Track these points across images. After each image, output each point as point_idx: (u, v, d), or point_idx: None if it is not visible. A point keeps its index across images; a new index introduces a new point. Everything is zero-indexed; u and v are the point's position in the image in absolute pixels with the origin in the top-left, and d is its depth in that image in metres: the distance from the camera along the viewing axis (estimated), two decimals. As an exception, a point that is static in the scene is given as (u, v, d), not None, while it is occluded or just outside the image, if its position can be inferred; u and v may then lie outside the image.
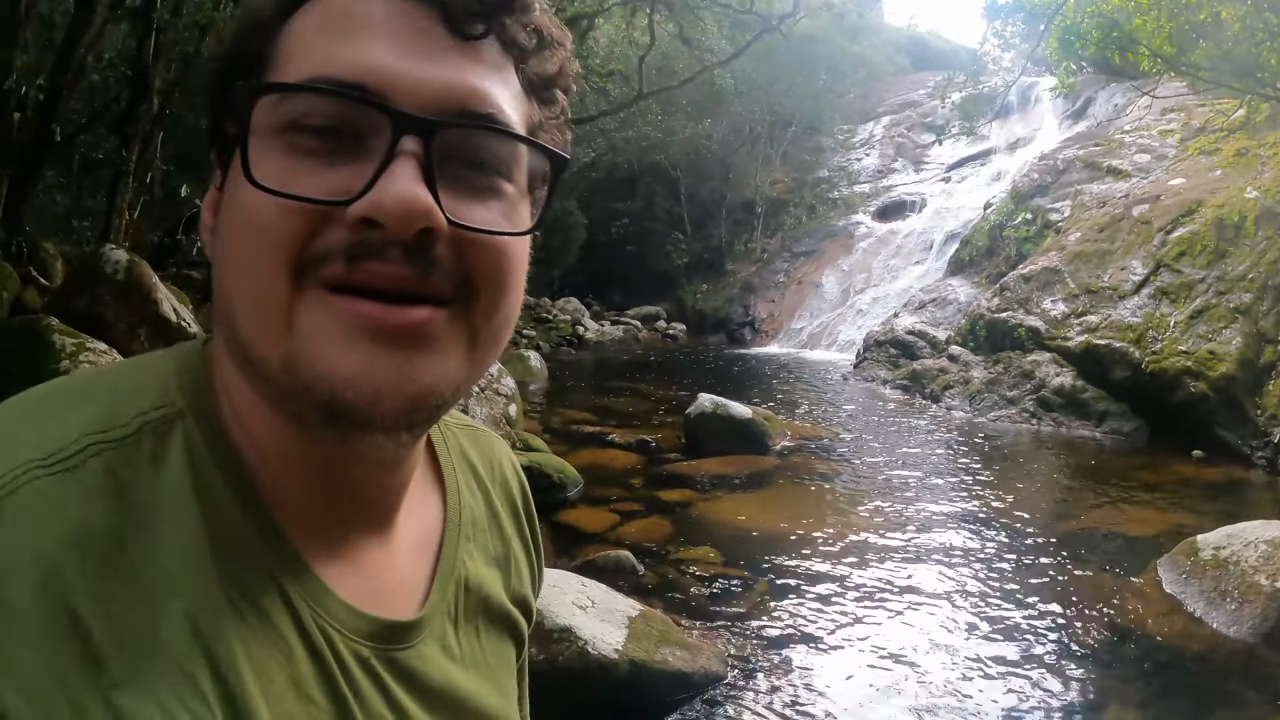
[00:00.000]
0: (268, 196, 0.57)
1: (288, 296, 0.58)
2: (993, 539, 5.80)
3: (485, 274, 0.62)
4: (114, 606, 0.53)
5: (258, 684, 0.58)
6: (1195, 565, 4.72)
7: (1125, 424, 9.40)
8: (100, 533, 0.55)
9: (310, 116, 0.59)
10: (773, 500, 6.79)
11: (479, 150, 0.63)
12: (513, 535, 0.89)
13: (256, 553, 0.62)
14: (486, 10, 0.64)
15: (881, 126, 30.38)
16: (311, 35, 0.62)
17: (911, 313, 15.18)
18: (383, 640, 0.68)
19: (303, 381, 0.58)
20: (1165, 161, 13.97)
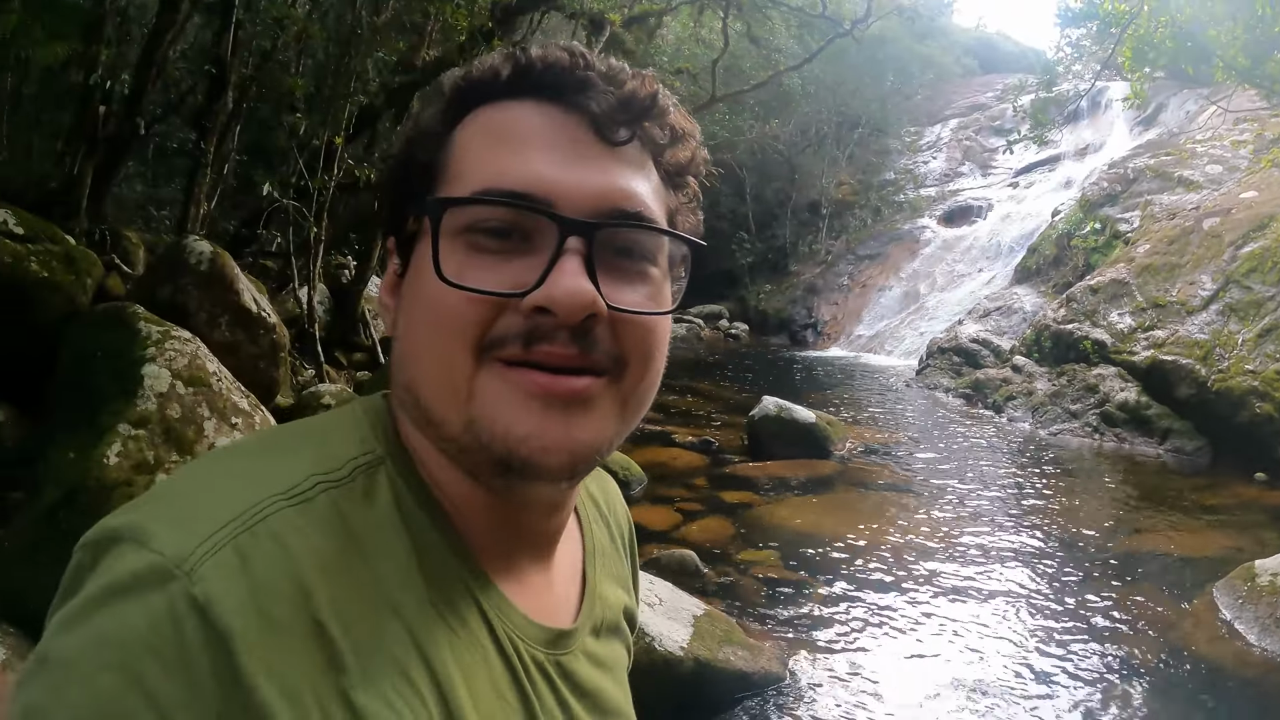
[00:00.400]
0: (455, 290, 0.69)
1: (470, 372, 0.70)
2: (1049, 554, 5.87)
3: (635, 348, 0.74)
4: (348, 618, 0.62)
5: (465, 685, 0.69)
6: (1252, 590, 4.75)
7: (1188, 442, 9.30)
8: (333, 556, 0.64)
9: (487, 221, 0.71)
10: (834, 505, 6.91)
11: (630, 242, 0.74)
12: (621, 556, 1.03)
13: (455, 572, 0.73)
14: (630, 119, 0.75)
15: (949, 129, 30.15)
16: (479, 147, 0.74)
17: (976, 321, 15.14)
18: (551, 646, 0.80)
19: (481, 440, 0.70)
20: (1237, 173, 13.77)
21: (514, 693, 0.74)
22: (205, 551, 0.59)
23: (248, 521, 0.62)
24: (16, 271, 4.50)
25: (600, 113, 0.73)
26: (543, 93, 0.74)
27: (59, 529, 3.49)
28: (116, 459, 3.61)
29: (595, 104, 0.73)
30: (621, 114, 0.74)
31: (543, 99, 0.74)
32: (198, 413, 3.94)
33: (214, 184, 8.21)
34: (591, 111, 0.73)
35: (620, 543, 1.04)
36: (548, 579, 0.84)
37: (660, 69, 17.40)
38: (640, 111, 0.75)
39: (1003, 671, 4.18)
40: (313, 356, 5.96)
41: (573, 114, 0.73)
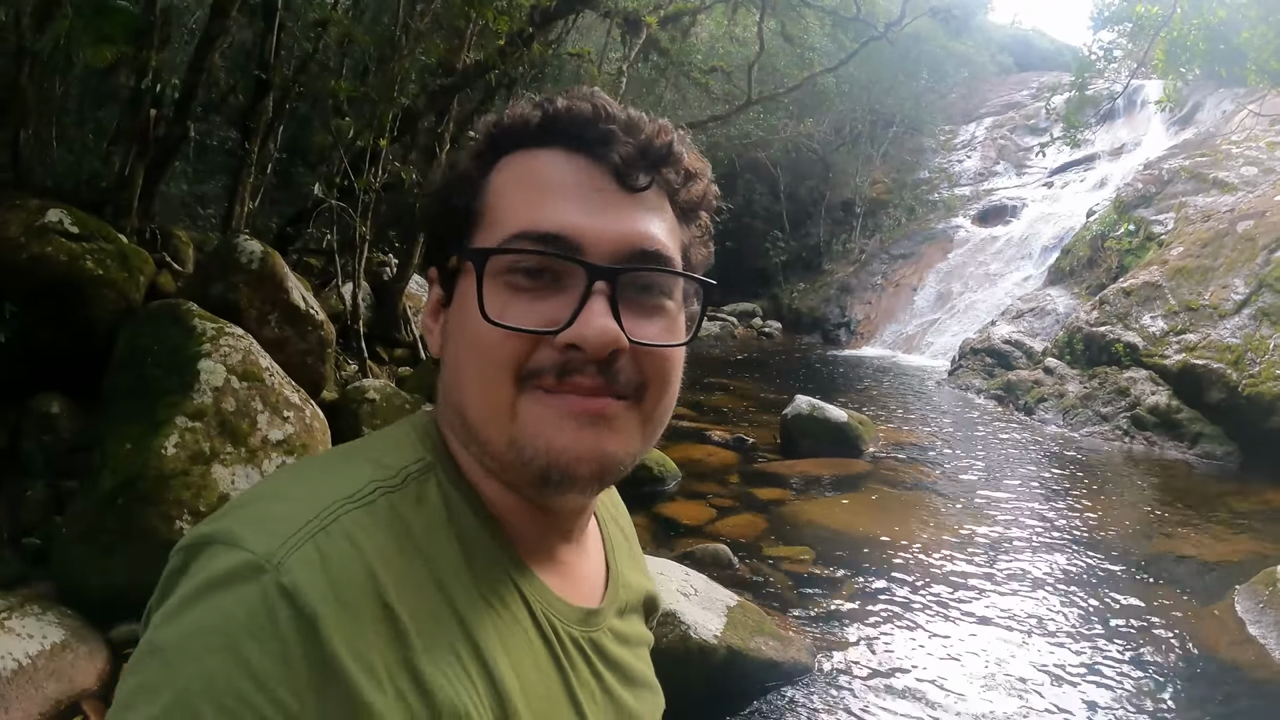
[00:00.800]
0: (501, 331, 0.79)
1: (512, 397, 0.80)
2: (1075, 555, 5.95)
3: (654, 376, 0.84)
4: (409, 602, 0.72)
5: (508, 659, 0.79)
6: (1273, 595, 4.81)
7: (1218, 447, 9.29)
8: (394, 550, 0.74)
9: (523, 263, 0.80)
10: (864, 504, 7.01)
11: (649, 280, 0.84)
12: (632, 546, 1.16)
13: (499, 563, 0.83)
14: (648, 166, 0.84)
15: (984, 128, 29.96)
16: (513, 193, 0.84)
17: (1009, 322, 15.13)
18: (583, 624, 0.90)
19: (524, 457, 0.80)
20: (1273, 175, 13.63)
21: (552, 665, 0.84)
22: (289, 548, 0.69)
23: (323, 522, 0.72)
24: (73, 269, 4.67)
25: (621, 162, 0.83)
26: (569, 142, 0.84)
27: (119, 516, 3.67)
28: (174, 450, 3.78)
29: (617, 154, 0.83)
30: (640, 163, 0.84)
31: (570, 148, 0.84)
32: (251, 406, 4.11)
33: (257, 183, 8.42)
34: (613, 161, 0.82)
35: (630, 534, 1.17)
36: (578, 567, 0.96)
37: (695, 67, 17.51)
38: (657, 159, 0.86)
39: (1025, 669, 4.28)
40: (356, 352, 6.12)
41: (597, 164, 0.83)
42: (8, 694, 3.05)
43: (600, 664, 0.91)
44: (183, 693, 0.64)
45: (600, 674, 0.91)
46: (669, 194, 0.88)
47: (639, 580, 1.10)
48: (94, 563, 3.70)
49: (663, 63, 17.22)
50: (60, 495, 4.41)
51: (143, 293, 5.04)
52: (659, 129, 0.86)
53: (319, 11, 8.37)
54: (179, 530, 3.64)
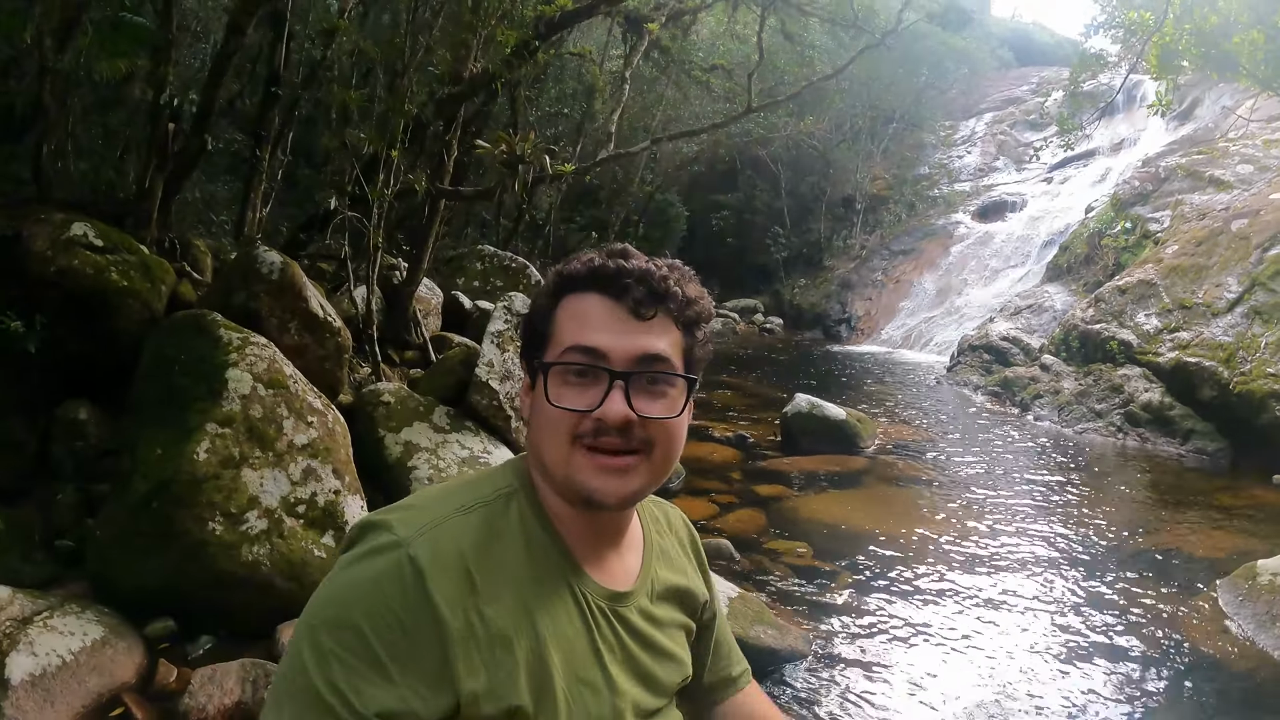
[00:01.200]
0: (559, 409, 1.24)
1: (568, 451, 1.24)
2: (1066, 549, 6.11)
3: (658, 437, 1.26)
4: (483, 571, 1.19)
5: (548, 616, 1.23)
6: (1252, 588, 4.97)
7: (1210, 444, 9.41)
8: (482, 541, 1.22)
9: (573, 367, 1.24)
10: (861, 500, 7.16)
11: (654, 378, 1.26)
12: (686, 557, 1.59)
13: (551, 554, 1.28)
14: (654, 303, 1.26)
15: (984, 123, 30.10)
16: (567, 323, 1.27)
17: (1007, 318, 15.28)
18: (611, 600, 1.33)
19: (574, 489, 1.25)
20: (1269, 173, 13.63)
21: (581, 623, 1.27)
22: (417, 535, 1.17)
23: (438, 523, 1.20)
24: (99, 281, 4.84)
25: (634, 303, 1.25)
26: (603, 289, 1.26)
27: (153, 518, 3.85)
28: (205, 455, 3.97)
29: (632, 298, 1.25)
30: (649, 301, 1.26)
31: (603, 293, 1.26)
32: (277, 412, 4.30)
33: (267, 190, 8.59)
34: (631, 301, 1.25)
35: (683, 547, 1.60)
36: (616, 563, 1.38)
37: (696, 65, 17.65)
38: (661, 297, 1.27)
39: (1013, 657, 4.46)
40: (369, 356, 6.30)
41: (620, 303, 1.26)
42: (53, 688, 3.21)
43: (623, 630, 1.33)
44: (346, 604, 1.12)
45: (621, 636, 1.33)
46: (672, 318, 1.29)
47: (673, 578, 1.49)
48: (128, 563, 3.88)
49: (664, 61, 17.37)
50: (90, 499, 4.58)
51: (165, 302, 5.20)
52: (664, 275, 1.28)
53: (327, 21, 8.54)
54: (211, 531, 3.82)
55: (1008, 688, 4.16)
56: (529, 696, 1.16)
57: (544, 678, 1.18)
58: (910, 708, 3.98)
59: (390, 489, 4.99)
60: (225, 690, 3.33)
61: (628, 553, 1.42)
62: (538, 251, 17.56)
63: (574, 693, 1.22)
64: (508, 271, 10.52)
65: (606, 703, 1.26)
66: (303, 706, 1.09)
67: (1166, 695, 4.16)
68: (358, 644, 1.09)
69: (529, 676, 1.17)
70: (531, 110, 15.90)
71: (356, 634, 1.09)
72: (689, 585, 1.53)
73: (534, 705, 1.17)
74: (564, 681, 1.21)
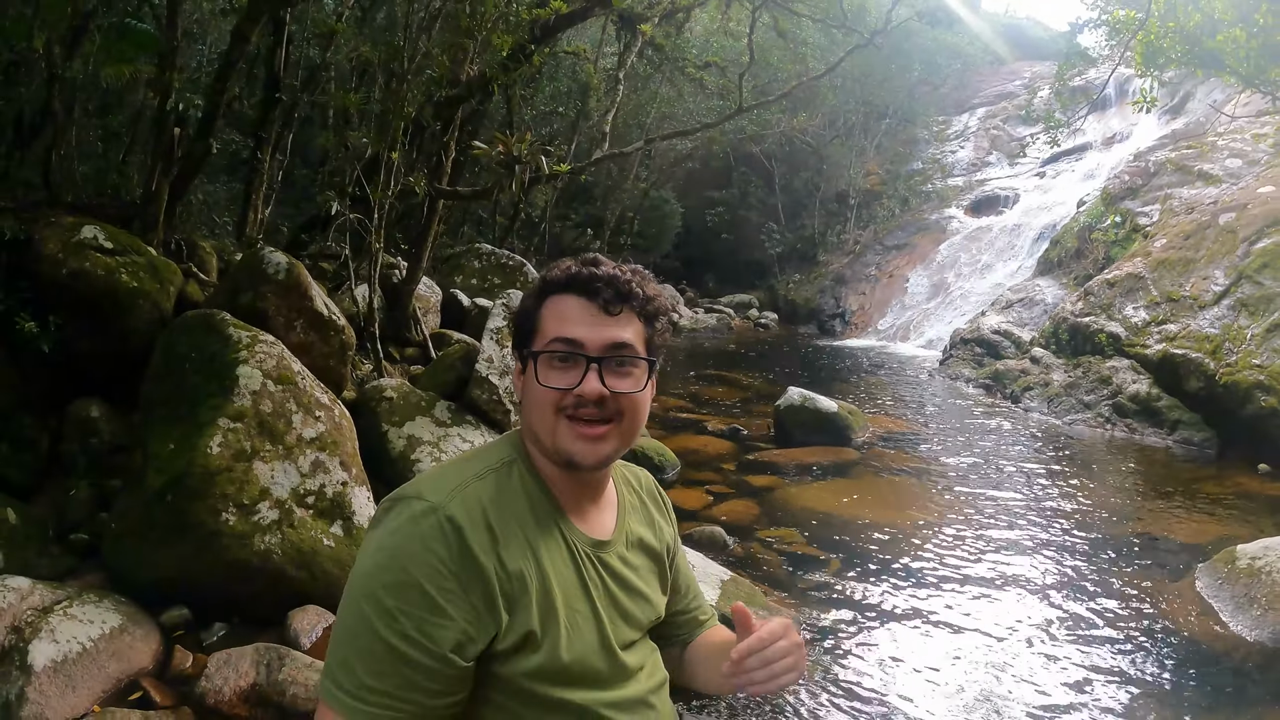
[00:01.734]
0: (546, 388, 1.49)
1: (554, 422, 1.50)
2: (1053, 536, 6.26)
3: (627, 409, 1.52)
4: (499, 524, 1.43)
5: (549, 558, 1.47)
6: (1231, 573, 5.11)
7: (1196, 434, 9.52)
8: (495, 498, 1.46)
9: (556, 354, 1.49)
10: (852, 490, 7.29)
11: (621, 360, 1.51)
12: (653, 511, 1.82)
13: (548, 509, 1.53)
14: (620, 300, 1.51)
15: (976, 118, 30.18)
16: (550, 320, 1.52)
17: (999, 312, 15.42)
18: (593, 547, 1.58)
19: (560, 452, 1.50)
20: (1257, 167, 13.80)
21: (572, 564, 1.53)
22: (448, 498, 1.40)
23: (463, 487, 1.45)
24: (110, 283, 5.00)
25: (604, 302, 1.50)
26: (578, 291, 1.52)
27: (168, 511, 3.99)
28: (218, 449, 4.12)
29: (602, 296, 1.50)
30: (617, 300, 1.51)
31: (578, 294, 1.52)
32: (287, 407, 4.44)
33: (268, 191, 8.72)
34: (601, 300, 1.50)
35: (653, 501, 1.85)
36: (597, 516, 1.64)
37: (689, 62, 17.74)
38: (626, 296, 1.52)
39: (999, 639, 4.62)
40: (371, 353, 6.44)
41: (593, 302, 1.50)
42: (74, 674, 3.35)
43: (604, 572, 1.59)
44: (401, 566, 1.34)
45: (603, 576, 1.58)
46: (635, 312, 1.55)
47: (643, 530, 1.75)
48: (144, 554, 4.02)
49: (657, 58, 17.47)
50: (103, 494, 4.72)
51: (173, 303, 5.36)
52: (629, 279, 1.54)
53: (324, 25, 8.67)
54: (225, 522, 3.96)
55: (993, 667, 4.31)
56: (538, 623, 1.42)
57: (548, 607, 1.44)
58: (899, 685, 4.13)
59: (394, 481, 5.12)
60: (240, 673, 3.47)
61: (606, 509, 1.68)
62: (533, 249, 17.67)
63: (570, 619, 1.48)
64: (505, 269, 10.66)
65: (594, 629, 1.52)
66: (378, 661, 1.31)
67: (1148, 674, 4.31)
68: (419, 597, 1.33)
69: (538, 606, 1.42)
70: (526, 109, 16.02)
71: (417, 589, 1.32)
72: (656, 536, 1.79)
73: (541, 629, 1.42)
74: (564, 610, 1.47)
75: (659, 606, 1.74)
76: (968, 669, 4.30)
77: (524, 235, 18.15)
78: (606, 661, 1.54)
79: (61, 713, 3.23)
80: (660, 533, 1.81)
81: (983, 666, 4.33)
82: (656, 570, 1.77)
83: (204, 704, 3.39)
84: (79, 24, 5.93)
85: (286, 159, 9.62)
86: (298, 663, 3.52)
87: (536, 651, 1.43)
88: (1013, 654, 4.47)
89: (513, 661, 1.42)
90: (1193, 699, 4.12)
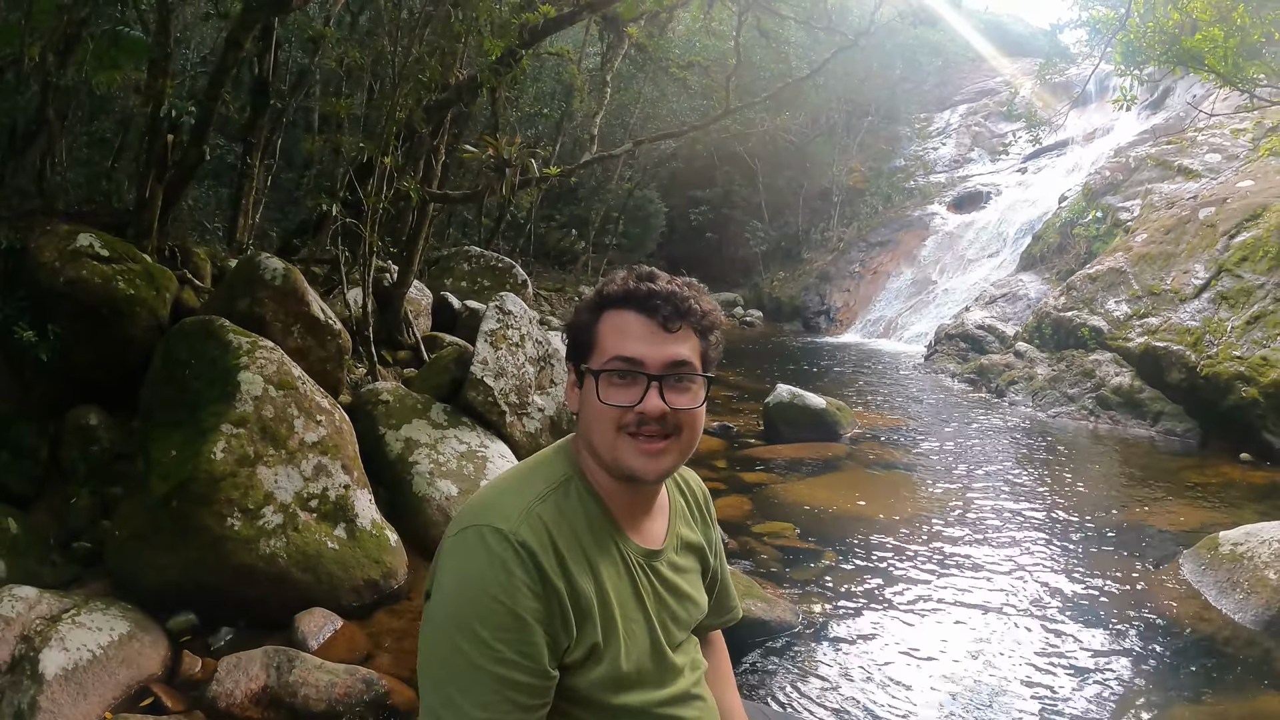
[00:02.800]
0: (607, 406, 1.53)
1: (615, 439, 1.55)
2: (1040, 526, 6.35)
3: (686, 424, 1.57)
4: (564, 545, 1.50)
5: (606, 573, 1.55)
6: (1214, 558, 5.22)
7: (1179, 425, 9.64)
8: (558, 520, 1.53)
9: (616, 371, 1.54)
10: (841, 483, 7.38)
11: (681, 377, 1.56)
12: (700, 515, 1.90)
13: (605, 526, 1.60)
14: (679, 318, 1.55)
15: (958, 115, 30.34)
16: (610, 335, 1.56)
17: (982, 307, 15.55)
18: (646, 557, 1.66)
19: (620, 469, 1.56)
20: (1236, 162, 13.97)
21: (627, 576, 1.61)
22: (518, 524, 1.47)
23: (530, 511, 1.50)
24: (107, 290, 5.01)
25: (663, 319, 1.55)
26: (637, 307, 1.56)
27: (172, 516, 4.04)
28: (222, 454, 4.17)
29: (661, 314, 1.55)
30: (675, 317, 1.55)
31: (638, 310, 1.56)
32: (288, 412, 4.49)
33: (257, 196, 8.74)
34: (660, 317, 1.55)
35: (698, 506, 1.91)
36: (650, 526, 1.71)
37: (672, 62, 17.78)
38: (685, 313, 1.57)
39: (986, 625, 4.70)
40: (365, 357, 6.48)
41: (652, 319, 1.55)
42: (85, 681, 3.37)
43: (655, 580, 1.67)
44: (488, 594, 1.41)
45: (654, 585, 1.66)
46: (693, 328, 1.59)
47: (691, 534, 1.83)
48: (149, 560, 4.06)
49: (641, 59, 17.51)
50: (104, 502, 4.75)
51: (169, 309, 5.38)
52: (686, 295, 1.59)
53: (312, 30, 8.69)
54: (230, 526, 4.02)
55: (985, 654, 4.40)
56: (601, 636, 1.52)
57: (608, 619, 1.54)
58: (892, 670, 4.21)
59: (394, 483, 5.19)
60: (251, 676, 3.52)
61: (658, 515, 1.75)
62: (519, 249, 17.73)
63: (627, 628, 1.57)
64: (494, 271, 10.72)
65: (647, 635, 1.62)
66: (483, 690, 1.40)
67: (1135, 657, 4.40)
68: (512, 621, 1.41)
69: (601, 621, 1.52)
70: (512, 111, 16.04)
71: (509, 614, 1.41)
72: (702, 539, 1.87)
73: (604, 642, 1.53)
74: (621, 621, 1.56)
75: (704, 606, 1.83)
76: (959, 655, 4.38)
77: (510, 236, 18.20)
78: (659, 663, 1.64)
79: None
80: (706, 533, 1.90)
81: (974, 653, 4.41)
82: (702, 570, 1.87)
83: (216, 708, 3.43)
84: (72, 32, 5.94)
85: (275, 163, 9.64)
86: (308, 664, 3.57)
87: (600, 663, 1.53)
88: (1004, 640, 4.55)
89: (579, 673, 1.52)
90: (1179, 681, 4.20)
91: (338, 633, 4.10)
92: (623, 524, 1.64)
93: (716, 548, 1.96)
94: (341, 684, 3.50)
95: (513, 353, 6.07)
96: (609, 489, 1.62)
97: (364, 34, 9.90)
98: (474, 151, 7.15)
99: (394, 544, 4.60)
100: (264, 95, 7.93)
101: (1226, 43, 8.18)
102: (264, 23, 6.95)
